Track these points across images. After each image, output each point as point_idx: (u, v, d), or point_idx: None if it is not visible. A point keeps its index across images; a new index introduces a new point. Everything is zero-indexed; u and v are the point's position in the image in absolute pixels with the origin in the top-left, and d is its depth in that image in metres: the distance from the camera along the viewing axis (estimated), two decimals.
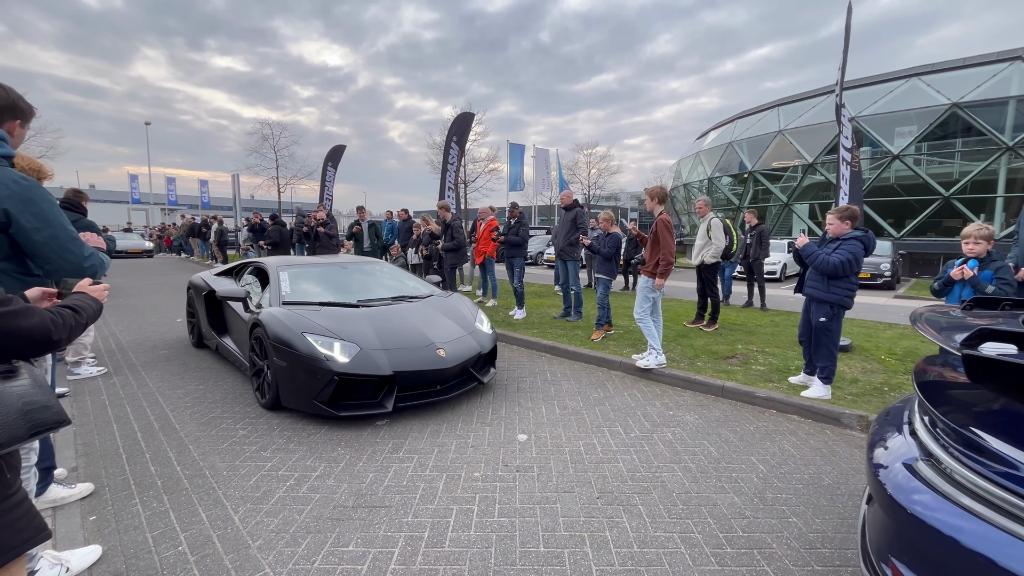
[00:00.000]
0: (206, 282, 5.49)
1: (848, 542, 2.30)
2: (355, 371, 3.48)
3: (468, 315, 4.57)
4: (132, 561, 2.14)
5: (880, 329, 6.90)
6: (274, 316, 3.84)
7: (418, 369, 3.66)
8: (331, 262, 5.32)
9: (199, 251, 20.64)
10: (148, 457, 3.11)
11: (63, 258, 1.78)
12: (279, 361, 3.62)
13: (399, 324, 4.03)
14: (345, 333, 3.71)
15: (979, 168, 18.68)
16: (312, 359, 3.48)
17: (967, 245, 3.52)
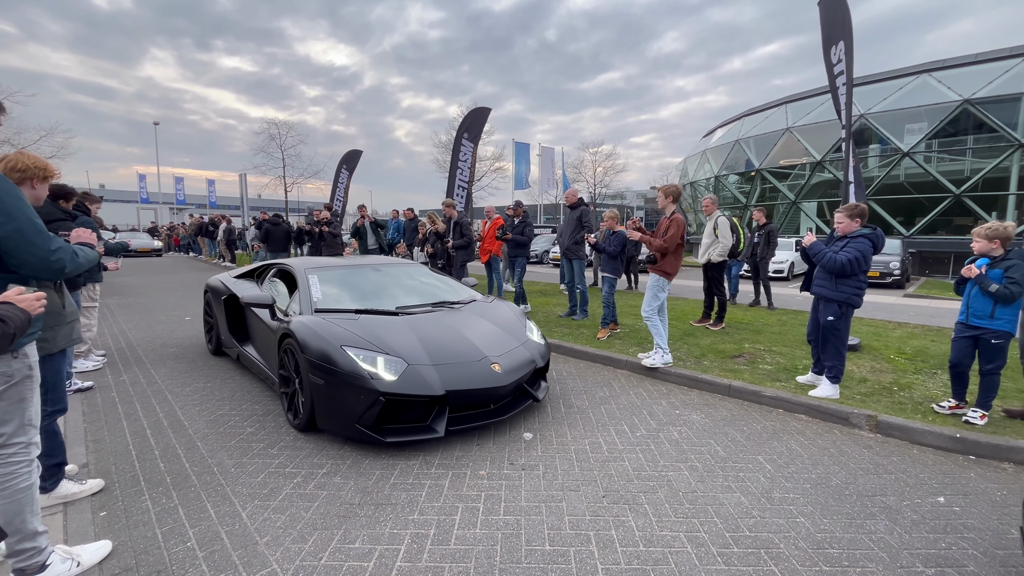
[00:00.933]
0: (225, 285, 5.12)
1: (857, 542, 2.29)
2: (403, 391, 3.05)
3: (517, 323, 4.14)
4: (142, 556, 2.16)
5: (889, 328, 6.83)
6: (307, 326, 3.44)
7: (473, 388, 3.24)
8: (362, 263, 4.90)
9: (207, 250, 20.80)
10: (157, 453, 3.15)
11: (28, 252, 1.75)
12: (315, 378, 3.19)
13: (446, 334, 3.62)
14: (389, 346, 3.30)
15: (991, 165, 18.44)
16: (354, 377, 3.05)
17: (975, 243, 3.49)
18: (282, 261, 4.93)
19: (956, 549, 2.26)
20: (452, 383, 3.18)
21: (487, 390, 3.30)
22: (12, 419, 1.83)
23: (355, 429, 3.09)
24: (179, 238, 26.25)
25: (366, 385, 3.02)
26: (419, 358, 3.26)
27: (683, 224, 4.75)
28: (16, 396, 1.83)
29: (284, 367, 3.63)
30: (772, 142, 24.77)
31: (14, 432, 1.84)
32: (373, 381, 3.03)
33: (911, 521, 2.48)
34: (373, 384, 3.02)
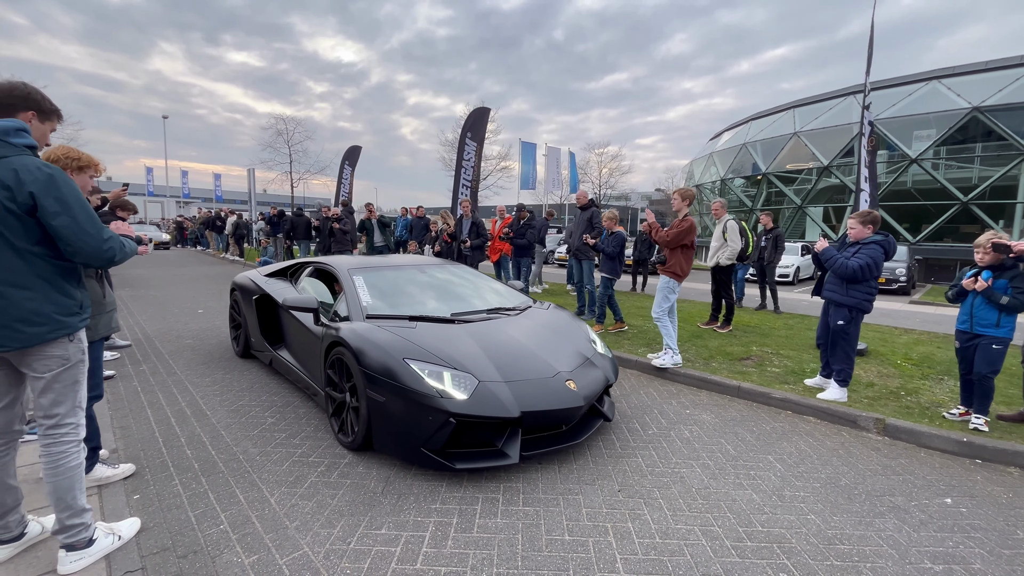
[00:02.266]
0: (256, 284, 4.82)
1: (867, 539, 2.36)
2: (476, 412, 2.70)
3: (581, 333, 3.79)
4: (177, 537, 2.25)
5: (896, 334, 6.88)
6: (362, 335, 3.10)
7: (549, 408, 2.89)
8: (405, 264, 4.56)
9: (215, 244, 20.95)
10: (183, 441, 3.24)
11: (83, 240, 1.85)
12: (374, 395, 2.87)
13: (512, 346, 3.28)
14: (455, 360, 2.97)
15: (999, 173, 18.42)
16: (420, 395, 2.71)
17: (978, 254, 3.54)
18: (319, 260, 4.60)
19: (963, 548, 2.33)
20: (527, 403, 2.82)
21: (563, 411, 2.95)
22: (66, 400, 1.94)
23: (420, 454, 2.76)
24: (187, 231, 26.43)
25: (434, 405, 2.68)
26: (489, 374, 2.92)
27: (692, 226, 4.82)
28: (71, 379, 1.94)
29: (332, 379, 3.32)
30: (779, 146, 24.77)
31: (67, 413, 1.94)
32: (442, 400, 2.69)
33: (919, 520, 2.55)
34: (442, 404, 2.68)
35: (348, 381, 3.15)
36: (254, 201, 25.29)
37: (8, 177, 1.73)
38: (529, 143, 22.87)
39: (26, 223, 1.79)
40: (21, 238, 1.79)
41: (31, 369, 1.89)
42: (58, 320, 1.89)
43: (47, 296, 1.87)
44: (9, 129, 1.77)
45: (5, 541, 2.01)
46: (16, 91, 1.86)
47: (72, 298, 1.95)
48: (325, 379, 3.38)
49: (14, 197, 1.74)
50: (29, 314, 1.81)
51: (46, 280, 1.87)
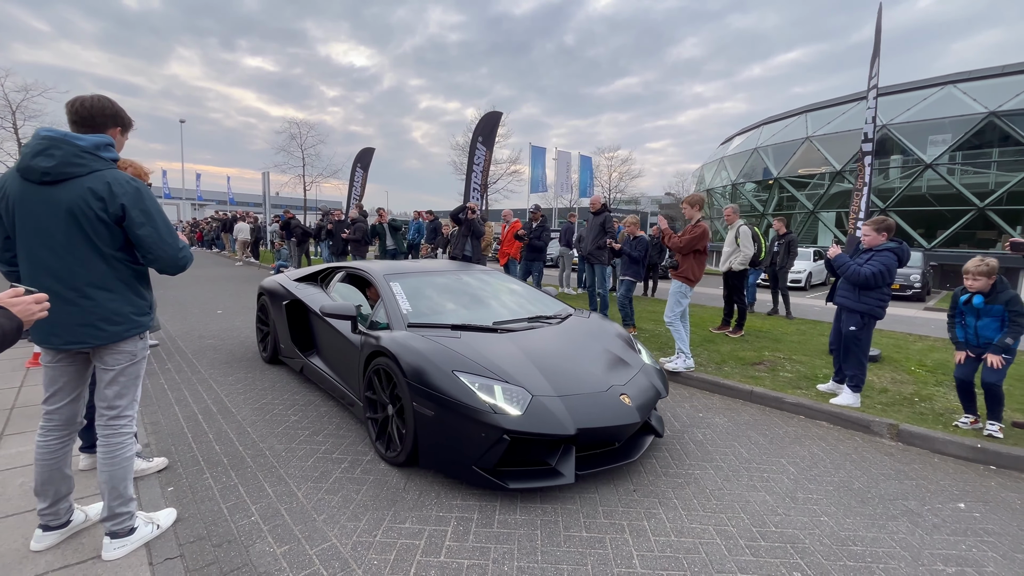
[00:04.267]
0: (287, 289, 4.72)
1: (880, 542, 2.40)
2: (531, 429, 2.55)
3: (627, 343, 3.68)
4: (211, 527, 2.36)
5: (910, 341, 6.86)
6: (407, 345, 2.99)
7: (606, 425, 2.75)
8: (440, 269, 4.49)
9: (231, 246, 21.31)
10: (211, 437, 3.36)
11: (162, 249, 2.01)
12: (422, 409, 2.74)
13: (560, 358, 3.16)
14: (505, 372, 2.84)
15: (1017, 179, 18.16)
16: (472, 410, 2.58)
17: (967, 280, 3.52)
18: (352, 265, 4.49)
19: (976, 551, 2.36)
20: (583, 419, 2.68)
21: (619, 428, 2.81)
22: (128, 392, 2.08)
23: (470, 472, 2.63)
24: (202, 233, 26.88)
25: (487, 420, 2.54)
26: (542, 388, 2.78)
27: (705, 231, 4.88)
28: (135, 373, 2.09)
29: (374, 390, 3.20)
30: (791, 151, 24.64)
31: (127, 405, 2.08)
32: (496, 416, 2.55)
33: (932, 524, 2.58)
34: (496, 420, 2.54)
35: (391, 393, 3.04)
36: (268, 204, 25.69)
37: (102, 189, 1.89)
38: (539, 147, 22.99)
39: (113, 231, 1.95)
40: (108, 244, 1.95)
41: (103, 362, 2.04)
42: (134, 320, 2.05)
43: (126, 298, 2.02)
44: (101, 144, 1.93)
45: (53, 528, 2.12)
46: (107, 110, 2.01)
47: (145, 299, 2.12)
48: (365, 390, 3.27)
49: (107, 208, 1.90)
50: (111, 314, 1.98)
51: (125, 283, 2.02)
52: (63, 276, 1.90)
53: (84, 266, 1.92)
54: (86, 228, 1.89)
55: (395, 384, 2.98)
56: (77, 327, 1.93)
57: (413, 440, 2.81)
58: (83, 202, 1.86)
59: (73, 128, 1.96)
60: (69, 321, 1.92)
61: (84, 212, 1.87)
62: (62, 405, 2.06)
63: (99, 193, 1.88)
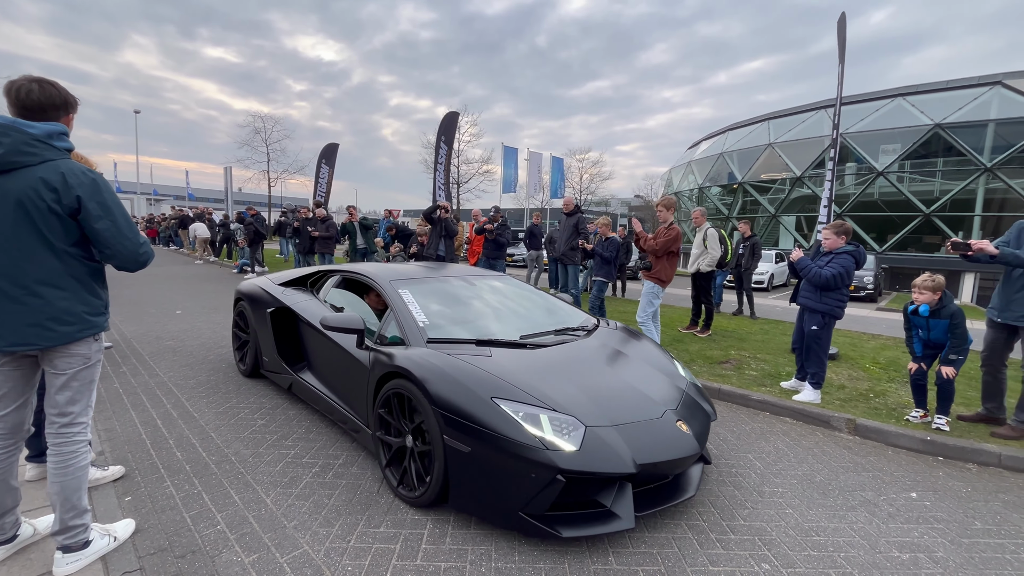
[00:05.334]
0: (271, 295, 4.19)
1: (841, 531, 2.51)
2: (589, 468, 2.16)
3: (665, 359, 3.33)
4: (174, 538, 2.25)
5: (864, 340, 7.21)
6: (434, 368, 2.54)
7: (668, 459, 2.37)
8: (448, 273, 3.98)
9: (188, 244, 20.44)
10: (172, 443, 3.21)
11: (121, 244, 1.91)
12: (456, 443, 2.31)
13: (605, 379, 2.78)
14: (549, 398, 2.43)
15: (959, 187, 19.39)
16: (518, 446, 2.18)
17: (915, 293, 3.73)
18: (347, 268, 4.03)
19: (927, 538, 2.51)
20: (642, 453, 2.30)
21: (679, 461, 2.42)
22: (81, 398, 1.95)
23: (518, 520, 2.21)
24: (156, 230, 25.63)
25: (537, 458, 2.14)
26: (593, 415, 2.39)
27: (678, 234, 5.00)
28: (88, 377, 1.96)
29: (387, 417, 2.75)
30: (754, 156, 25.54)
31: (80, 412, 1.96)
32: (548, 453, 2.15)
33: (887, 513, 2.72)
34: (548, 457, 2.14)
35: (410, 420, 2.62)
36: (231, 199, 24.79)
37: (56, 180, 1.77)
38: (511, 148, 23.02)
39: (67, 225, 1.83)
40: (60, 239, 1.83)
41: (53, 366, 1.91)
42: (88, 320, 1.93)
43: (79, 296, 1.90)
44: (54, 133, 1.81)
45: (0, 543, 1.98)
46: (57, 98, 1.87)
47: (100, 298, 2.00)
48: (376, 417, 2.81)
49: (60, 199, 1.78)
50: (62, 313, 1.86)
51: (78, 280, 1.90)
52: (9, 272, 1.78)
53: (32, 261, 1.80)
54: (36, 221, 1.77)
55: (414, 410, 2.58)
56: (24, 327, 1.81)
57: (443, 478, 2.39)
58: (34, 193, 1.75)
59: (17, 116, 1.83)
60: (15, 321, 1.80)
61: (35, 204, 1.75)
62: (7, 412, 1.92)
63: (52, 184, 1.76)
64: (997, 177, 18.54)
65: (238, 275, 13.05)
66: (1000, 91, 18.71)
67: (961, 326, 3.57)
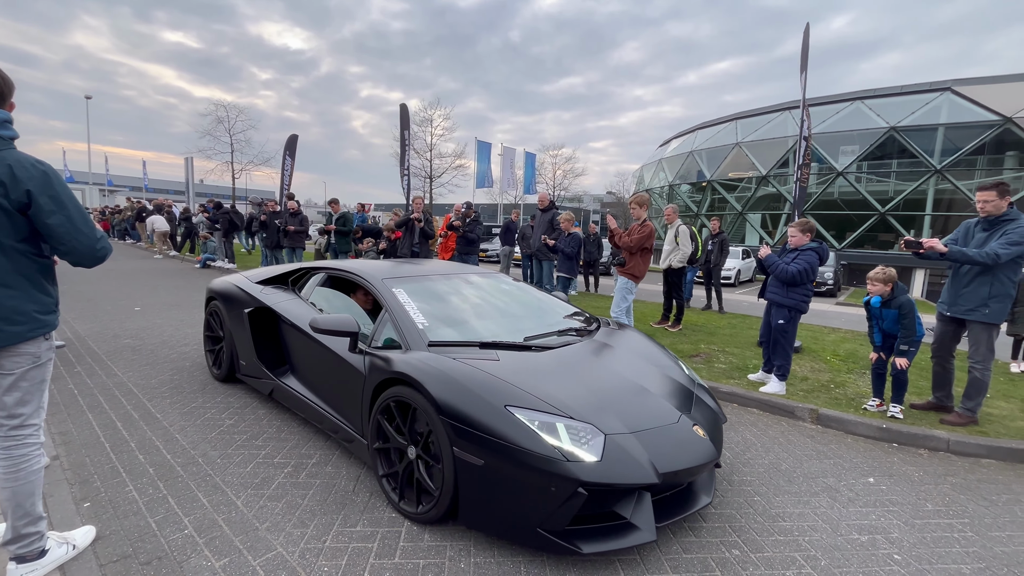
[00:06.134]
0: (249, 294, 3.93)
1: (805, 516, 2.62)
2: (611, 479, 2.04)
3: (672, 360, 3.22)
4: (138, 544, 2.16)
5: (825, 333, 7.53)
6: (440, 373, 2.37)
7: (689, 466, 2.25)
8: (442, 271, 3.79)
9: (146, 237, 19.53)
10: (134, 446, 3.07)
11: (77, 239, 1.80)
12: (467, 456, 2.16)
13: (616, 381, 2.66)
14: (564, 404, 2.29)
15: (911, 188, 20.43)
16: (536, 458, 2.03)
17: (869, 285, 3.94)
18: (333, 265, 3.80)
19: (884, 520, 2.65)
20: (663, 461, 2.18)
21: (699, 468, 2.31)
22: (32, 400, 1.84)
23: (535, 536, 2.07)
24: (108, 223, 24.33)
25: (557, 471, 2.00)
26: (610, 423, 2.26)
27: (653, 231, 5.09)
28: (39, 377, 1.86)
29: (386, 427, 2.56)
30: (723, 155, 26.23)
31: (32, 413, 1.85)
32: (568, 465, 2.01)
33: (847, 498, 2.86)
34: (568, 469, 2.00)
35: (412, 430, 2.45)
36: (192, 191, 23.79)
37: (3, 173, 1.66)
38: (485, 142, 22.92)
39: (15, 220, 1.72)
40: (8, 235, 1.72)
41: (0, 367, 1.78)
42: (37, 319, 1.83)
43: (28, 294, 1.80)
44: None
45: None
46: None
47: (50, 296, 1.89)
48: (373, 426, 2.62)
49: (8, 194, 1.67)
50: (11, 312, 1.75)
51: (27, 278, 1.79)
52: None
53: None
54: None
55: (416, 419, 2.42)
56: None
57: (452, 493, 2.23)
58: None
59: None
60: None
61: None
62: None
63: None
64: (946, 179, 19.61)
65: (201, 270, 12.57)
66: (950, 97, 19.77)
67: (909, 316, 3.76)
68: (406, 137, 11.15)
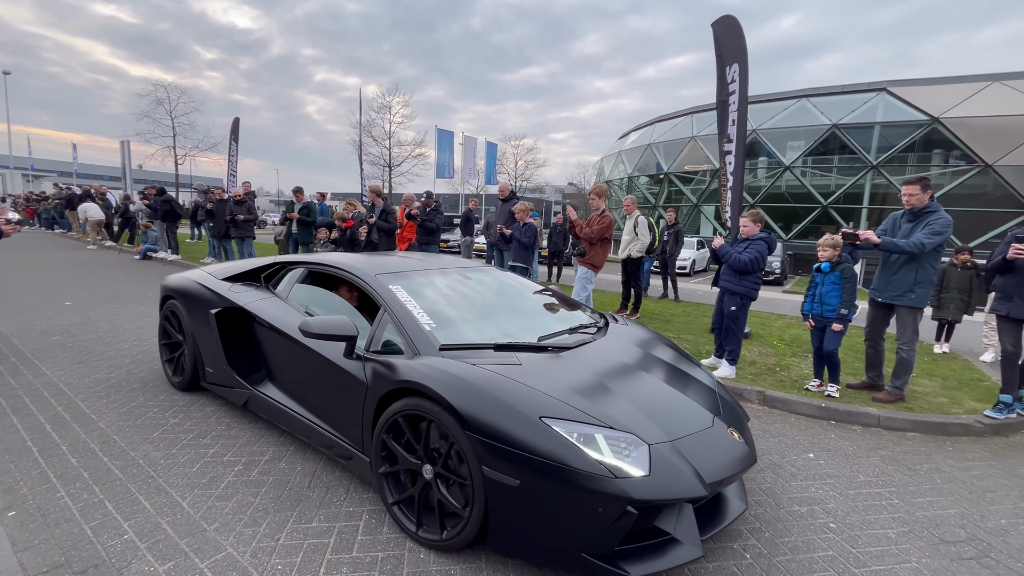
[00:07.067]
0: (215, 292, 3.53)
1: (752, 492, 2.77)
2: (662, 495, 1.86)
3: (684, 356, 3.10)
4: (71, 552, 2.02)
5: (772, 319, 7.94)
6: (460, 381, 2.10)
7: (733, 473, 2.11)
8: (436, 266, 3.43)
9: (78, 227, 18.12)
10: (65, 449, 2.86)
11: None
12: (499, 475, 1.91)
13: (644, 384, 2.46)
14: (602, 412, 2.08)
15: (850, 182, 21.71)
16: (580, 475, 1.81)
17: (819, 251, 4.20)
18: (314, 260, 3.47)
19: (821, 492, 2.83)
20: (708, 470, 2.00)
21: (739, 473, 2.18)
22: None
23: (580, 561, 1.86)
24: (34, 211, 22.42)
25: (603, 488, 1.79)
26: (649, 431, 2.06)
27: (612, 221, 5.18)
28: None
29: (397, 444, 2.28)
30: (679, 148, 26.96)
31: None
32: (616, 482, 1.80)
33: (789, 473, 3.04)
34: (618, 486, 1.79)
35: (428, 446, 2.18)
36: (130, 177, 22.25)
37: None
38: (446, 131, 22.58)
39: None
40: None
41: None
42: None
43: None
44: None
45: None
46: None
47: None
48: (379, 443, 2.32)
49: None
50: None
51: None
52: None
53: None
54: None
55: (431, 434, 2.16)
56: None
57: (482, 515, 1.98)
58: None
59: None
60: None
61: None
62: None
63: None
64: (881, 174, 20.95)
65: (142, 261, 11.81)
66: (885, 97, 21.06)
67: (851, 281, 4.02)
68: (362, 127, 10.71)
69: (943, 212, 3.95)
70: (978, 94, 19.10)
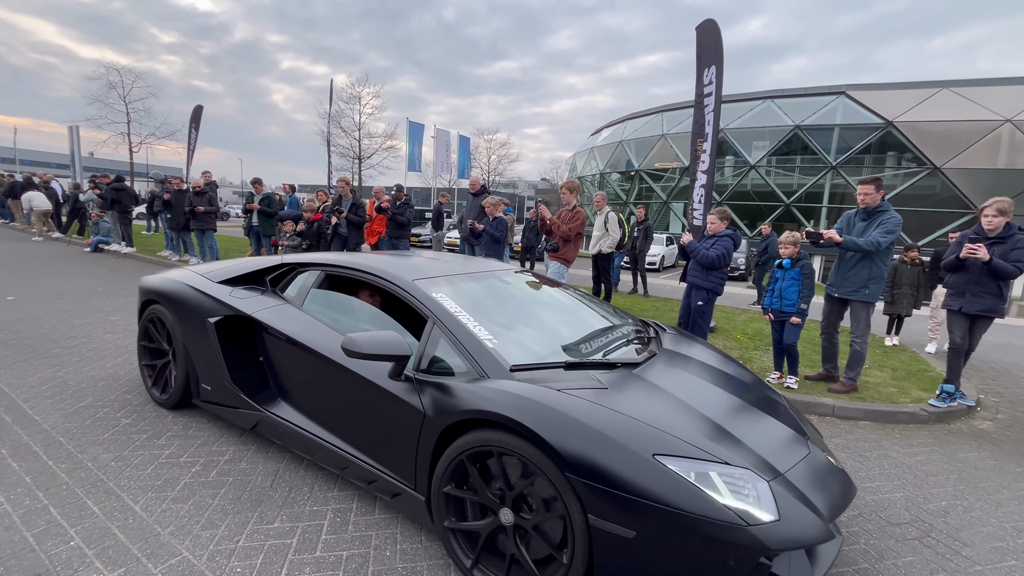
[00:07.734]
0: (214, 297, 3.06)
1: None
2: (795, 543, 1.62)
3: (753, 374, 2.83)
4: (11, 562, 1.90)
5: (736, 314, 8.18)
6: (555, 413, 1.77)
7: (843, 506, 1.91)
8: (463, 269, 3.00)
9: (21, 217, 17.03)
10: (5, 452, 2.69)
11: None
12: (609, 526, 1.63)
13: (730, 404, 2.21)
14: (715, 447, 1.80)
15: (811, 182, 22.56)
16: (706, 523, 1.56)
17: (781, 248, 4.40)
18: (330, 260, 3.00)
19: None
20: (827, 505, 1.80)
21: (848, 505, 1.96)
22: None
23: None
24: None
25: (735, 539, 1.55)
26: (763, 464, 1.81)
27: (585, 218, 5.22)
28: None
29: (463, 491, 1.97)
30: (650, 146, 27.41)
31: None
32: (750, 530, 1.56)
33: None
34: (751, 536, 1.55)
35: (507, 487, 1.86)
36: (79, 165, 21.04)
37: None
38: (417, 123, 22.25)
39: None
40: None
41: None
42: None
43: None
44: None
45: None
46: None
47: None
48: (442, 493, 1.99)
49: None
50: None
51: None
52: None
53: None
54: None
55: (507, 474, 1.86)
56: None
57: (585, 570, 1.70)
58: None
59: None
60: None
61: None
62: None
63: None
64: (840, 174, 21.85)
65: (93, 254, 11.20)
66: (844, 100, 21.94)
67: (810, 277, 4.21)
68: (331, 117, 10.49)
69: (894, 211, 4.15)
70: (929, 99, 20.13)
